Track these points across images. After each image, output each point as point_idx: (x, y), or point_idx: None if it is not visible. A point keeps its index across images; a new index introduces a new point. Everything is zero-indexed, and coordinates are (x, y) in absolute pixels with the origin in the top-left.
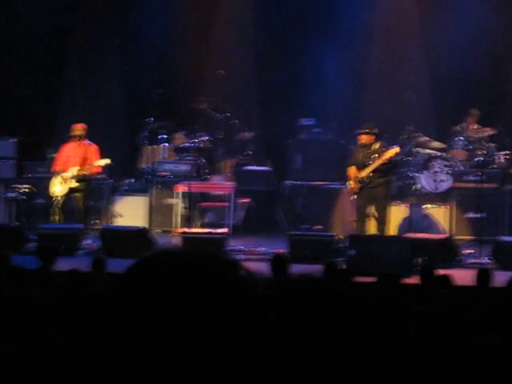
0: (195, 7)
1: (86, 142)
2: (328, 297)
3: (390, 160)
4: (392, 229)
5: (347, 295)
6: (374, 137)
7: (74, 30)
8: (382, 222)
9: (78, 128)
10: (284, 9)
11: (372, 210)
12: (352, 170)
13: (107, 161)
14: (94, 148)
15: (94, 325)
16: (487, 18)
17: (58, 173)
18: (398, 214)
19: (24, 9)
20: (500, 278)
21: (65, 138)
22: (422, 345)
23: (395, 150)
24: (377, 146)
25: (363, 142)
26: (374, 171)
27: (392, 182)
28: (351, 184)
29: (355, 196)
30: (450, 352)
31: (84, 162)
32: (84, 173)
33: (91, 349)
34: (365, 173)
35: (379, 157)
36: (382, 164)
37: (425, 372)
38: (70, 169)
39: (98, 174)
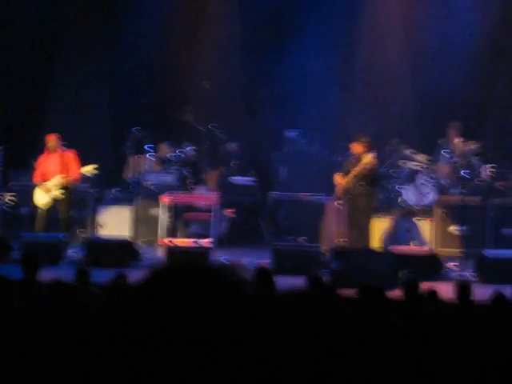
0: (182, 18)
1: (61, 149)
2: (315, 312)
3: (368, 169)
4: (376, 241)
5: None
6: (363, 147)
7: (59, 39)
8: (360, 232)
9: (49, 139)
10: (270, 20)
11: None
12: (336, 177)
13: (94, 169)
14: (70, 154)
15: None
16: (473, 32)
17: (39, 184)
18: (382, 226)
19: (8, 20)
20: (482, 292)
21: (42, 148)
22: (404, 359)
23: (368, 156)
24: (364, 155)
25: (353, 151)
26: (355, 178)
27: (374, 194)
28: (336, 190)
29: (338, 202)
30: (432, 368)
31: (64, 169)
32: (66, 181)
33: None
34: (345, 180)
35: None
36: (363, 173)
37: None
38: (53, 178)
39: (78, 182)
